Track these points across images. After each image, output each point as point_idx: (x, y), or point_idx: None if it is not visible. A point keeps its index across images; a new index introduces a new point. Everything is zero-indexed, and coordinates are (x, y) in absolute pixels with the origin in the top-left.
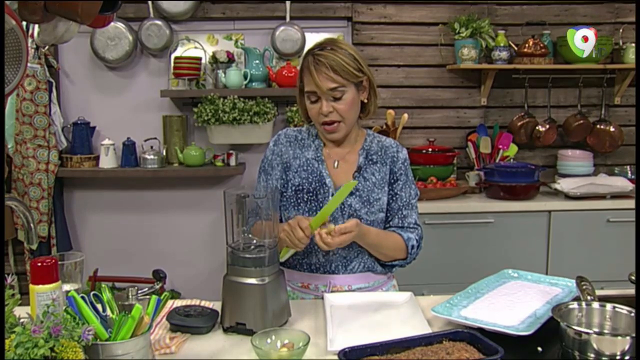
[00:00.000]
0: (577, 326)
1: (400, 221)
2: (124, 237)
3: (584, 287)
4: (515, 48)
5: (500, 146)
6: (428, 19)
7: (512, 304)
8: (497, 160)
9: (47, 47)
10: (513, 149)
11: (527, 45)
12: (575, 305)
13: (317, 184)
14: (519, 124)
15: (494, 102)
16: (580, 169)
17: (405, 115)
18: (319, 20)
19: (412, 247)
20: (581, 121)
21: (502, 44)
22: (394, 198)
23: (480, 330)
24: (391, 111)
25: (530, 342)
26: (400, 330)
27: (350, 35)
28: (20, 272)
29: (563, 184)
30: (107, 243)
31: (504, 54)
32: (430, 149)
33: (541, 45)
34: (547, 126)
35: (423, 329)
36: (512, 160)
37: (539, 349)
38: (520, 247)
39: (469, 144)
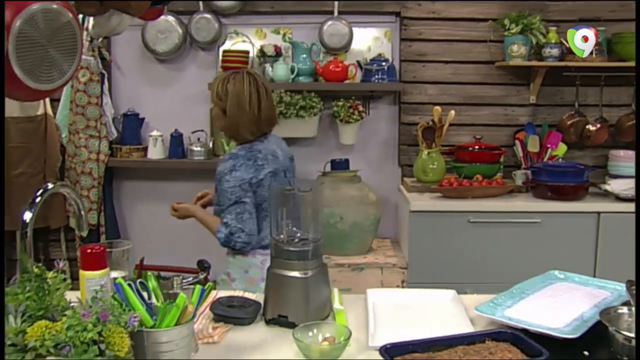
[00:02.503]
0: (627, 331)
1: (222, 216)
2: (169, 227)
3: (634, 291)
4: (567, 45)
5: (549, 145)
6: (477, 14)
7: (558, 306)
8: (545, 160)
9: (100, 40)
10: (562, 148)
11: None
12: (624, 309)
13: None
14: (569, 122)
15: (543, 100)
16: (632, 169)
17: (453, 112)
18: (366, 15)
19: (219, 238)
20: (634, 120)
21: (553, 41)
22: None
23: (524, 331)
24: (438, 108)
25: (576, 346)
26: (442, 329)
27: (399, 30)
28: (72, 258)
29: (614, 185)
30: (153, 232)
31: (555, 51)
32: (477, 147)
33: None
34: (598, 125)
35: (466, 328)
36: (560, 159)
37: (586, 353)
38: (567, 248)
39: (517, 142)
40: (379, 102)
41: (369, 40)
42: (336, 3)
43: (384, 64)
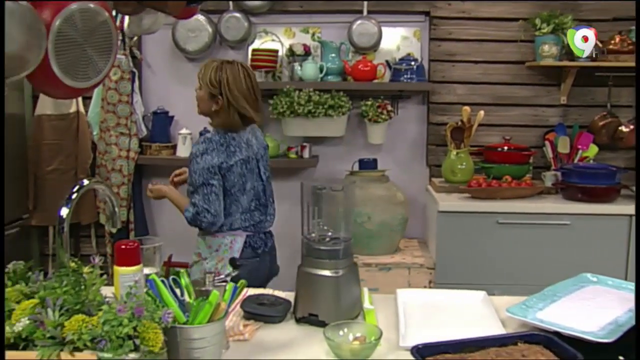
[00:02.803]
0: None
1: (190, 198)
2: None
3: None
4: (600, 45)
5: (580, 146)
6: (508, 14)
7: (591, 309)
8: (575, 161)
9: (134, 39)
10: (593, 149)
11: (613, 41)
12: None
13: None
14: (601, 123)
15: (575, 101)
16: None
17: (482, 112)
18: (396, 15)
19: (186, 216)
20: None
21: None
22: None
23: (557, 334)
24: (467, 108)
25: (610, 351)
26: (474, 330)
27: (428, 30)
28: (101, 253)
29: None
30: (181, 230)
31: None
32: (505, 147)
33: (628, 42)
34: (631, 127)
35: (497, 330)
36: (591, 161)
37: (621, 358)
38: (597, 251)
39: (547, 143)
40: (408, 102)
41: (398, 39)
42: (365, 2)
43: (413, 63)
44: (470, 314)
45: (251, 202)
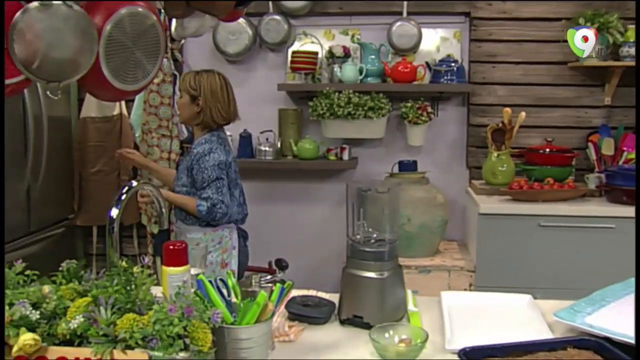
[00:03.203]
0: None
1: (199, 194)
2: None
3: None
4: None
5: (625, 148)
6: (550, 14)
7: None
8: (620, 163)
9: (183, 42)
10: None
11: None
12: None
13: None
14: None
15: (619, 102)
16: None
17: (523, 113)
18: (436, 16)
19: (200, 211)
20: None
21: (631, 40)
22: (195, 180)
23: (607, 339)
24: (508, 109)
25: None
26: (520, 334)
27: (468, 31)
28: (143, 254)
29: None
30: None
31: (634, 50)
32: (547, 149)
33: None
34: None
35: (544, 334)
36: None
37: None
38: None
39: (590, 144)
40: (448, 104)
41: (437, 40)
42: (405, 4)
43: (453, 64)
44: (515, 317)
45: (240, 196)
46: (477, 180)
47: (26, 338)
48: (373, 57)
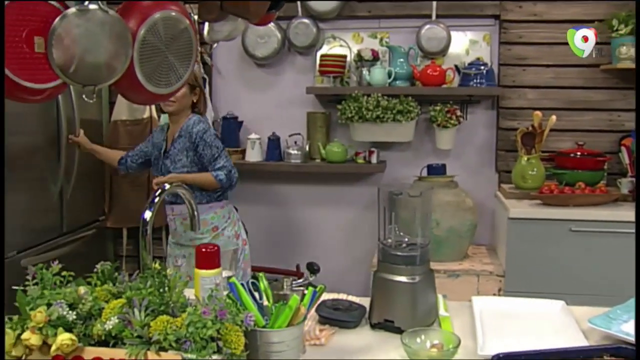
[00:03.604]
0: None
1: (211, 167)
2: (265, 228)
3: None
4: None
5: None
6: (582, 16)
7: None
8: None
9: (215, 45)
10: None
11: None
12: None
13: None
14: None
15: None
16: None
17: (554, 117)
18: (465, 19)
19: (221, 180)
20: None
21: None
22: (202, 156)
23: None
24: (538, 112)
25: None
26: (554, 340)
27: (498, 34)
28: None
29: None
30: (249, 233)
31: None
32: (579, 153)
33: None
34: None
35: (579, 341)
36: None
37: None
38: None
39: (622, 148)
40: (477, 107)
41: (467, 43)
42: (434, 6)
43: (482, 68)
44: (548, 323)
45: None
46: (507, 184)
47: (64, 338)
48: (402, 60)
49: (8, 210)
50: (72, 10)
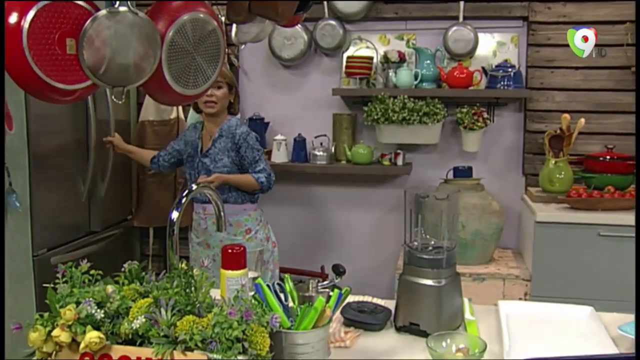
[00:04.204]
0: None
1: (252, 169)
2: (290, 230)
3: None
4: None
5: None
6: (613, 16)
7: None
8: None
9: (243, 47)
10: None
11: None
12: None
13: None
14: None
15: None
16: None
17: (582, 119)
18: (493, 20)
19: (262, 182)
20: None
21: None
22: (243, 158)
23: None
24: (566, 115)
25: None
26: (582, 347)
27: (526, 35)
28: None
29: None
30: (275, 234)
31: None
32: (608, 157)
33: None
34: None
35: (609, 348)
36: None
37: None
38: None
39: None
40: (504, 109)
41: (494, 45)
42: (461, 8)
43: (510, 70)
44: (577, 329)
45: None
46: (534, 187)
47: (92, 336)
48: (428, 62)
49: (39, 209)
50: (103, 12)
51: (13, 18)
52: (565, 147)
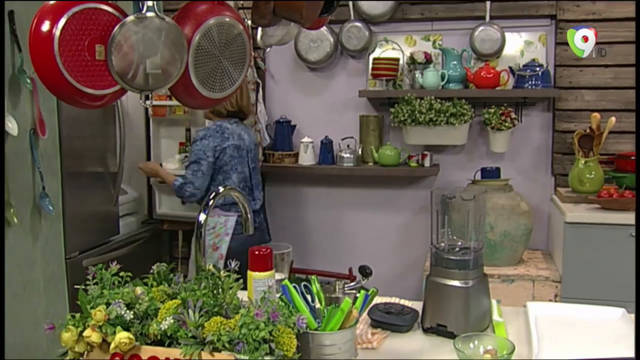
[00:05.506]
0: None
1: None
2: (317, 231)
3: None
4: None
5: None
6: None
7: None
8: None
9: (269, 50)
10: None
11: None
12: None
13: None
14: None
15: None
16: None
17: (613, 118)
18: (520, 20)
19: (174, 184)
20: None
21: None
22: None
23: None
24: (596, 114)
25: None
26: (613, 350)
27: (554, 34)
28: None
29: None
30: (302, 236)
31: None
32: None
33: None
34: None
35: None
36: None
37: None
38: None
39: None
40: (532, 109)
41: (521, 45)
42: (488, 7)
43: (537, 69)
44: (608, 332)
45: (240, 183)
46: (563, 187)
47: (122, 337)
48: (455, 62)
49: (71, 213)
50: (131, 18)
51: (45, 26)
52: (596, 147)
